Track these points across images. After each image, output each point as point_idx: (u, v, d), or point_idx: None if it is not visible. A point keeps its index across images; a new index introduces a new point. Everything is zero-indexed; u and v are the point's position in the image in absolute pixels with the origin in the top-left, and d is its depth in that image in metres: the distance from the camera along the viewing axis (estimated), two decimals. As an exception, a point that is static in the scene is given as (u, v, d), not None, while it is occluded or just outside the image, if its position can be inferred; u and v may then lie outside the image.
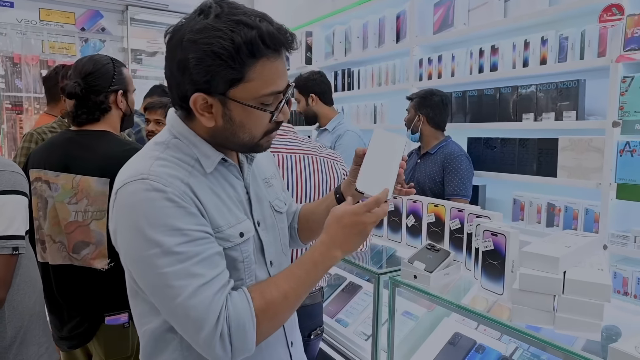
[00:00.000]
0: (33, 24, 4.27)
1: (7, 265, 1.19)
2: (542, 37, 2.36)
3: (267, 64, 0.80)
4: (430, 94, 2.56)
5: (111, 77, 1.52)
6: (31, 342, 1.31)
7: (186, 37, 0.78)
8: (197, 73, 0.78)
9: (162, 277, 0.77)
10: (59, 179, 1.46)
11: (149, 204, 0.78)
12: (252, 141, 0.87)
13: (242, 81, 0.79)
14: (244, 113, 0.82)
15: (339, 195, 1.08)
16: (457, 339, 1.50)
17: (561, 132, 2.30)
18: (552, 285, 1.03)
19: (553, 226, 2.36)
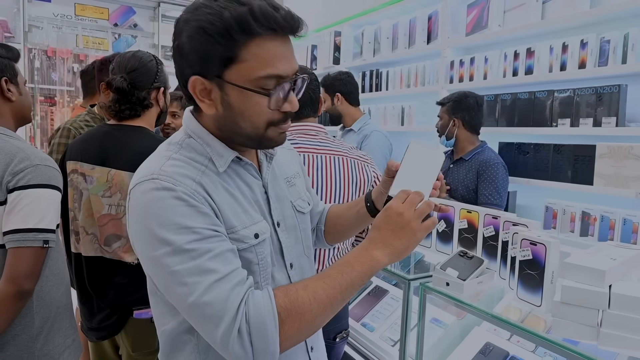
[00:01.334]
0: (68, 19, 4.37)
1: (37, 258, 1.21)
2: (582, 40, 2.28)
3: (262, 44, 0.75)
4: (464, 97, 2.48)
5: (154, 74, 1.54)
6: (58, 333, 1.33)
7: (182, 18, 0.78)
8: (190, 53, 0.77)
9: (174, 275, 0.75)
10: (94, 171, 1.48)
11: (158, 203, 0.76)
12: (256, 132, 0.82)
13: (235, 61, 0.76)
14: (240, 97, 0.78)
15: (370, 203, 1.05)
16: (488, 349, 1.46)
17: (599, 139, 2.22)
18: (598, 300, 0.99)
19: (587, 236, 2.29)
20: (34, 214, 1.19)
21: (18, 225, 1.18)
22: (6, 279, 1.18)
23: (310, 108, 1.63)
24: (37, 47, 4.20)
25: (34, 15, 4.16)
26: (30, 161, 1.22)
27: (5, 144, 1.25)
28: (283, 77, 0.78)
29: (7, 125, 1.33)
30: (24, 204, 1.19)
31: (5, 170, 1.20)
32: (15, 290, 1.18)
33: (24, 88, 1.38)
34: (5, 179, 1.19)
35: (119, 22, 4.62)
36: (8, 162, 1.21)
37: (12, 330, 1.24)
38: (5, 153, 1.22)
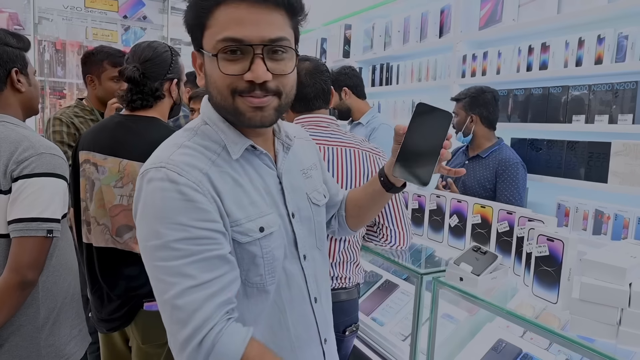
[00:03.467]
0: (78, 11, 4.37)
1: (40, 248, 1.20)
2: (599, 35, 2.24)
3: (226, 10, 0.76)
4: (482, 92, 2.40)
5: (168, 65, 1.52)
6: (64, 324, 1.33)
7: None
8: (184, 25, 0.82)
9: (156, 269, 0.76)
10: (107, 162, 1.47)
11: (159, 194, 0.77)
12: (225, 102, 0.80)
13: (205, 29, 0.78)
14: (209, 65, 0.80)
15: (383, 178, 1.03)
16: (501, 345, 1.45)
17: (614, 136, 2.18)
18: (618, 297, 0.97)
19: (600, 234, 2.26)
20: (38, 203, 1.18)
21: (22, 214, 1.17)
22: (10, 268, 1.17)
23: (322, 99, 1.61)
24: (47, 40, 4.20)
25: (44, 7, 4.16)
26: (34, 149, 1.21)
27: (11, 132, 1.23)
28: (242, 41, 0.76)
29: (16, 115, 1.31)
30: (27, 193, 1.18)
31: (10, 159, 1.18)
32: (19, 280, 1.16)
33: (33, 79, 1.37)
34: (9, 167, 1.18)
35: (128, 14, 4.61)
36: (13, 150, 1.19)
37: (17, 321, 1.23)
38: (11, 141, 1.21)
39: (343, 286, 1.54)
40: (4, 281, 1.16)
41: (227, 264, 0.79)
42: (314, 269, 0.96)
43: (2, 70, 1.27)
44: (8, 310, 1.18)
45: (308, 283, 0.93)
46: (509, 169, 2.28)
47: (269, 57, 0.78)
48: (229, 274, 0.79)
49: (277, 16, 0.78)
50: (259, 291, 0.86)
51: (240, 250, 0.83)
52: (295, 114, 1.61)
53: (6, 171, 1.18)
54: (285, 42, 0.79)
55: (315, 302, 0.95)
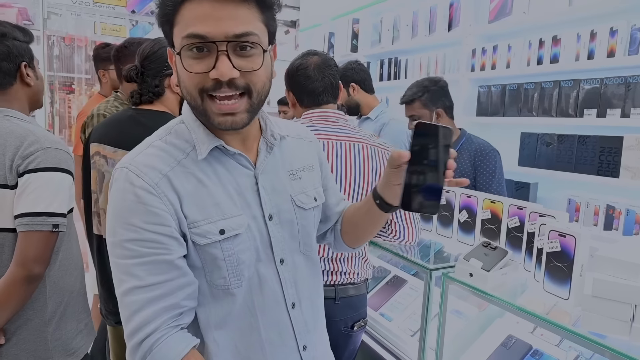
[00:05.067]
0: (87, 6, 4.37)
1: (46, 242, 1.20)
2: (612, 28, 2.21)
3: (190, 6, 0.75)
4: (435, 82, 2.14)
5: (165, 61, 1.53)
6: (70, 318, 1.33)
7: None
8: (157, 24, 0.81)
9: (112, 264, 0.81)
10: (117, 154, 1.48)
11: (119, 195, 0.80)
12: (195, 102, 0.79)
13: (173, 26, 0.77)
14: (178, 63, 0.78)
15: (379, 200, 0.93)
16: (510, 341, 1.44)
17: (627, 130, 2.15)
18: (631, 294, 0.96)
19: (611, 229, 2.23)
20: (43, 198, 1.18)
21: (27, 208, 1.17)
22: (16, 262, 1.17)
23: (331, 94, 1.60)
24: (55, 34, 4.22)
25: (53, 2, 4.17)
26: (40, 144, 1.21)
27: (16, 127, 1.23)
28: (205, 37, 0.74)
29: (22, 109, 1.32)
30: (33, 188, 1.18)
31: (16, 154, 1.19)
32: (25, 275, 1.17)
33: (39, 71, 1.38)
34: (15, 162, 1.18)
35: (136, 9, 4.61)
36: (18, 145, 1.19)
37: (25, 315, 1.24)
38: (16, 136, 1.21)
39: (351, 281, 1.53)
40: (11, 275, 1.17)
41: (175, 269, 0.79)
42: (294, 274, 0.92)
43: (13, 65, 1.27)
44: (15, 304, 1.19)
45: (284, 288, 0.90)
46: (487, 158, 2.07)
47: (235, 54, 0.75)
48: (177, 279, 0.79)
49: (244, 11, 0.75)
50: (224, 293, 0.85)
51: (201, 252, 0.82)
52: (304, 108, 1.60)
53: (12, 166, 1.18)
54: (252, 37, 0.76)
55: (292, 308, 0.92)
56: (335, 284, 1.51)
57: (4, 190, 1.18)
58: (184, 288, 0.80)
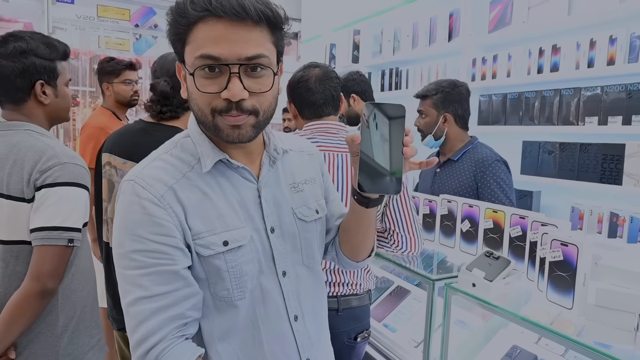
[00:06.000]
0: (91, 20, 4.44)
1: (61, 257, 1.20)
2: (611, 36, 2.22)
3: (203, 27, 0.76)
4: (455, 86, 2.05)
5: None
6: (83, 333, 1.33)
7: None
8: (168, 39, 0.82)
9: (118, 275, 0.81)
10: (126, 166, 1.50)
11: (126, 207, 0.81)
12: (205, 119, 0.80)
13: (186, 45, 0.79)
14: (189, 80, 0.81)
15: (357, 195, 0.91)
16: (515, 352, 1.43)
17: (629, 137, 2.15)
18: (635, 303, 0.95)
19: (615, 237, 2.22)
20: (60, 212, 1.19)
21: (44, 223, 1.18)
22: (31, 276, 1.18)
23: (332, 106, 1.62)
24: (60, 48, 4.28)
25: (58, 17, 4.24)
26: (58, 159, 1.22)
27: (36, 141, 1.25)
28: (218, 59, 0.76)
29: (41, 124, 1.32)
30: (50, 202, 1.19)
31: (34, 168, 1.20)
32: (39, 289, 1.18)
33: (63, 89, 1.35)
34: (33, 176, 1.19)
35: (139, 23, 4.67)
36: (37, 159, 1.21)
37: (37, 328, 1.24)
38: (35, 150, 1.22)
39: (354, 292, 1.53)
40: (25, 289, 1.17)
41: (180, 279, 0.80)
42: (297, 286, 0.93)
43: (27, 82, 1.26)
44: (28, 318, 1.19)
45: (286, 300, 0.91)
46: (488, 168, 1.93)
47: (245, 75, 0.77)
48: (182, 289, 0.80)
49: (256, 33, 0.77)
50: (227, 305, 0.85)
51: (205, 263, 0.83)
52: (305, 120, 1.62)
53: (30, 180, 1.19)
54: (263, 59, 0.78)
55: (295, 320, 0.92)
56: (338, 295, 1.51)
57: (20, 204, 1.19)
58: (189, 298, 0.81)
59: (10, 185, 1.19)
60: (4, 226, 1.20)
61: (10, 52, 1.23)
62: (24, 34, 1.26)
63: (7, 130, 1.26)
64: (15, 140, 1.23)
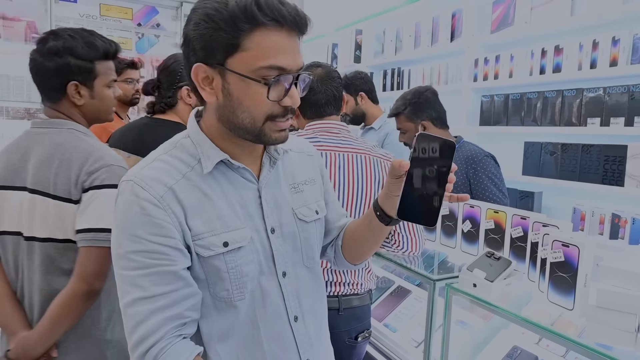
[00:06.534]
0: (94, 19, 4.44)
1: (106, 258, 1.20)
2: (614, 37, 2.22)
3: (266, 35, 0.76)
4: (420, 93, 2.11)
5: (176, 74, 1.62)
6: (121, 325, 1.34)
7: (193, 8, 0.80)
8: (195, 39, 0.78)
9: (117, 276, 0.81)
10: (130, 160, 1.53)
11: (124, 207, 0.80)
12: (253, 125, 0.81)
13: (239, 50, 0.76)
14: (241, 86, 0.78)
15: (380, 212, 0.92)
16: (516, 352, 1.43)
17: (631, 139, 2.15)
18: (636, 304, 0.95)
19: (617, 238, 2.22)
20: (107, 214, 1.18)
21: (91, 224, 1.18)
22: (78, 277, 1.19)
23: (334, 106, 1.62)
24: (63, 47, 4.29)
25: (61, 15, 4.24)
26: (104, 161, 1.22)
27: (80, 141, 1.24)
28: (285, 69, 0.78)
29: (81, 122, 1.31)
30: (97, 204, 1.19)
31: (81, 169, 1.19)
32: (86, 289, 1.19)
33: (102, 90, 1.30)
34: (80, 178, 1.19)
35: (142, 22, 4.68)
36: (84, 161, 1.20)
37: (83, 324, 1.24)
38: (81, 151, 1.22)
39: (355, 292, 1.53)
40: (72, 290, 1.18)
41: (179, 280, 0.80)
42: (297, 287, 0.93)
43: (60, 81, 1.24)
44: (74, 317, 1.20)
45: (286, 301, 0.91)
46: (479, 164, 1.98)
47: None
48: (181, 290, 0.80)
49: (299, 42, 0.81)
50: (227, 306, 0.85)
51: (205, 264, 0.83)
52: (307, 120, 1.62)
53: (77, 181, 1.19)
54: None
55: (295, 321, 0.92)
56: (338, 295, 1.51)
57: (66, 204, 1.19)
58: (188, 299, 0.81)
59: (57, 185, 1.19)
60: (50, 224, 1.20)
61: (46, 50, 1.22)
62: (65, 32, 1.24)
63: (50, 128, 1.26)
64: (60, 140, 1.23)
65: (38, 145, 1.23)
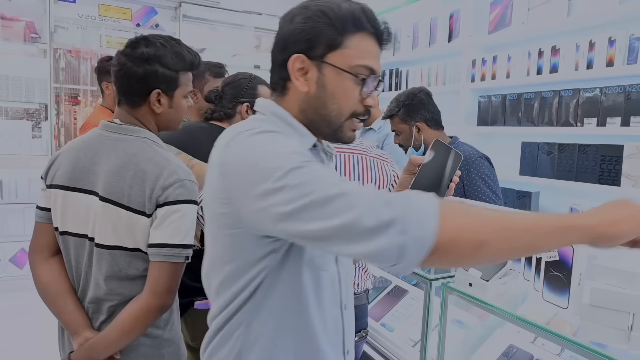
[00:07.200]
0: (93, 19, 4.44)
1: (178, 273, 1.22)
2: (610, 38, 2.23)
3: (365, 39, 0.85)
4: (413, 95, 2.11)
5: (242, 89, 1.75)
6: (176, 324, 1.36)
7: (299, 7, 0.87)
8: (301, 32, 0.84)
9: (299, 188, 0.70)
10: (179, 156, 1.58)
11: (261, 140, 0.79)
12: (338, 118, 0.87)
13: (340, 47, 0.84)
14: (337, 80, 0.85)
15: None
16: (512, 351, 1.43)
17: (627, 139, 2.16)
18: (629, 302, 0.96)
19: (614, 238, 2.22)
20: (180, 230, 1.20)
21: (165, 240, 1.19)
22: (151, 291, 1.19)
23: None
24: (62, 48, 4.28)
25: (60, 16, 4.24)
26: (177, 176, 1.21)
27: (154, 153, 1.24)
28: (375, 72, 0.86)
29: (152, 129, 1.31)
30: (171, 220, 1.19)
31: (156, 184, 1.19)
32: (160, 304, 1.20)
33: (179, 101, 1.31)
34: (155, 192, 1.19)
35: (141, 23, 4.68)
36: (157, 174, 1.20)
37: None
38: (155, 164, 1.21)
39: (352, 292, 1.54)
40: (146, 304, 1.19)
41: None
42: (345, 276, 0.96)
43: (144, 88, 1.25)
44: (143, 329, 1.22)
45: (341, 287, 0.94)
46: (472, 165, 1.97)
47: None
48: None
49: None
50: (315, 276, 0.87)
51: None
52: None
53: (152, 195, 1.19)
54: None
55: (345, 309, 0.95)
56: (335, 294, 1.51)
57: (140, 217, 1.20)
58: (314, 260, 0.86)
59: (132, 197, 1.19)
60: (120, 233, 1.21)
61: (137, 55, 1.22)
62: (157, 40, 1.24)
63: (124, 135, 1.25)
64: (134, 150, 1.23)
65: (110, 151, 1.23)
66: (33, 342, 2.73)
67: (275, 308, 0.85)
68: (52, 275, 1.27)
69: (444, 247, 0.67)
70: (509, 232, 0.69)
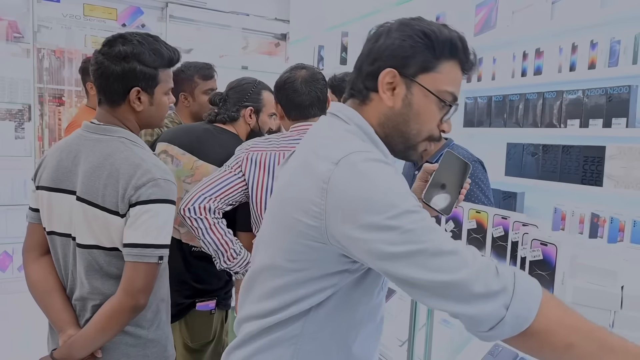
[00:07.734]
0: (77, 19, 4.39)
1: (152, 273, 1.21)
2: (592, 41, 2.27)
3: (456, 67, 0.88)
4: None
5: (246, 93, 1.79)
6: (163, 324, 1.35)
7: (398, 23, 0.90)
8: (400, 48, 0.86)
9: (411, 233, 0.71)
10: (184, 157, 1.63)
11: (380, 170, 0.77)
12: (415, 139, 0.89)
13: (433, 70, 0.86)
14: (423, 101, 0.87)
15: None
16: (497, 350, 1.45)
17: (609, 140, 2.20)
18: (610, 300, 0.98)
19: (597, 237, 2.27)
20: (153, 230, 1.19)
21: (137, 239, 1.18)
22: (125, 291, 1.19)
23: (318, 107, 1.63)
24: (45, 48, 4.22)
25: (43, 15, 4.19)
26: (151, 175, 1.20)
27: (130, 152, 1.22)
28: (457, 99, 0.89)
29: (133, 128, 1.30)
30: (144, 219, 1.18)
31: (129, 183, 1.18)
32: (133, 304, 1.19)
33: (159, 98, 1.30)
34: (128, 192, 1.18)
35: (127, 23, 4.64)
36: (131, 174, 1.19)
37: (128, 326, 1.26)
38: (129, 163, 1.20)
39: (340, 292, 1.54)
40: (119, 303, 1.19)
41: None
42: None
43: (123, 86, 1.24)
44: (118, 328, 1.22)
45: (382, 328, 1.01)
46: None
47: None
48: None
49: None
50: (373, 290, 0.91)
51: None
52: (291, 121, 1.63)
53: (125, 195, 1.18)
54: None
55: (380, 322, 1.00)
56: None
57: (114, 217, 1.19)
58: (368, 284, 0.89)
59: (106, 197, 1.19)
60: (97, 233, 1.21)
61: (114, 54, 1.20)
62: (134, 37, 1.23)
63: (101, 135, 1.25)
64: (110, 150, 1.22)
65: (89, 152, 1.23)
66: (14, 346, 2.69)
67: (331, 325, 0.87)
68: (42, 273, 1.28)
69: (537, 333, 0.70)
70: (602, 349, 0.70)
